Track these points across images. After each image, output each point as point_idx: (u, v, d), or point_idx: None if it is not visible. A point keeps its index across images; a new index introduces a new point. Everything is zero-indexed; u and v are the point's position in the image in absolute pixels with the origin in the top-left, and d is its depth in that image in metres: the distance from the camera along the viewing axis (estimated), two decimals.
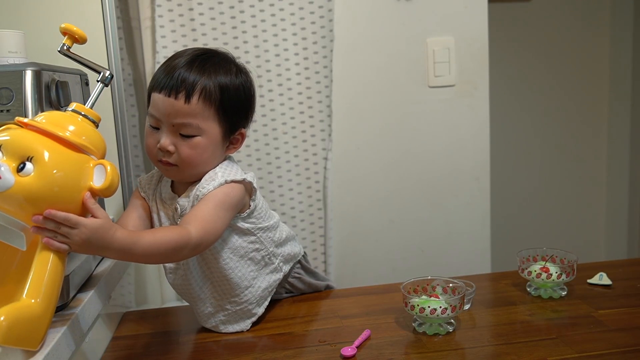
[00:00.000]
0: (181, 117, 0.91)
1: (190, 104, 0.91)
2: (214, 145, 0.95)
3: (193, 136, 0.93)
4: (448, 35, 1.56)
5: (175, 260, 0.95)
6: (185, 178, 0.98)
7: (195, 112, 0.92)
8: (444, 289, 1.02)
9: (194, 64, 0.93)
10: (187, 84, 0.91)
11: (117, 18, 1.39)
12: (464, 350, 0.92)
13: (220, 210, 0.92)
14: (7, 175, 0.67)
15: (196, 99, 0.91)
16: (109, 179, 0.74)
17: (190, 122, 0.92)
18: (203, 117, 0.92)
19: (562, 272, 1.10)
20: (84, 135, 0.75)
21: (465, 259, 1.64)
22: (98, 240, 0.73)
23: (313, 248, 1.54)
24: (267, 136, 1.48)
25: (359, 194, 1.59)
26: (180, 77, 0.91)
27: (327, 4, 1.46)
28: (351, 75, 1.53)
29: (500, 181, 2.21)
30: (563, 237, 2.45)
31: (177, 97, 0.91)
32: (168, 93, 0.91)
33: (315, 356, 0.93)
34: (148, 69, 1.42)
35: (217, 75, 0.94)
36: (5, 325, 0.64)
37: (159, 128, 0.94)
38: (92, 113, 0.80)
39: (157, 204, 1.03)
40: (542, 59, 2.34)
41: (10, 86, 0.83)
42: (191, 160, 0.94)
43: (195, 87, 0.91)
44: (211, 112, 0.93)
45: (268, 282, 1.07)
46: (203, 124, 0.93)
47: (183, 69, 0.92)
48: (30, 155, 0.69)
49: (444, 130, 1.60)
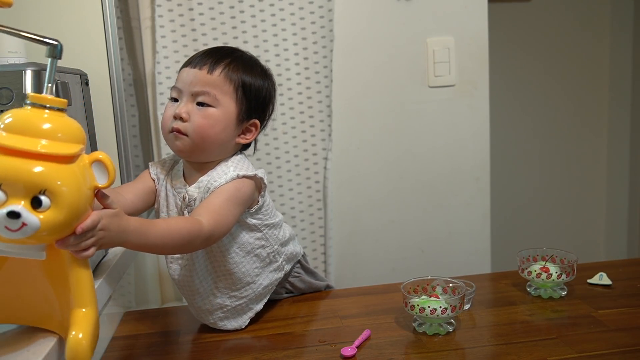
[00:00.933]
0: (201, 85, 0.96)
1: (213, 75, 0.96)
2: (226, 121, 0.97)
3: (209, 106, 0.96)
4: (448, 35, 1.56)
5: (188, 251, 0.94)
6: (192, 153, 0.98)
7: (215, 82, 0.96)
8: (444, 289, 1.02)
9: (223, 48, 1.02)
10: (213, 58, 0.98)
11: (117, 18, 1.39)
12: (464, 350, 0.92)
13: (232, 204, 0.93)
14: (31, 219, 0.62)
15: (219, 72, 0.97)
16: (111, 173, 0.71)
17: (208, 90, 0.95)
18: (222, 90, 0.96)
19: (562, 272, 1.10)
20: (61, 132, 0.67)
21: (465, 259, 1.64)
22: (116, 227, 0.73)
23: (313, 248, 1.54)
24: (267, 136, 1.48)
25: (359, 194, 1.59)
26: (208, 54, 0.99)
27: (327, 4, 1.46)
28: (351, 75, 1.53)
29: (500, 181, 2.21)
30: (563, 237, 2.45)
31: (202, 67, 0.97)
32: (194, 65, 0.97)
33: (315, 356, 0.93)
34: (148, 69, 1.42)
35: (242, 64, 1.00)
36: (86, 345, 0.66)
37: (177, 100, 0.98)
38: (56, 101, 0.70)
39: (166, 189, 1.03)
40: (542, 59, 2.34)
41: (10, 86, 0.83)
42: (202, 129, 0.95)
43: (220, 62, 0.97)
44: (231, 88, 0.97)
45: (269, 280, 1.07)
46: (220, 96, 0.96)
47: (213, 51, 1.00)
48: (42, 188, 0.63)
49: (444, 130, 1.60)
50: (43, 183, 0.63)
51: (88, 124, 1.09)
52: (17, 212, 0.61)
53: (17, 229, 0.62)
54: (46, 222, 0.63)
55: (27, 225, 0.62)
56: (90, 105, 1.12)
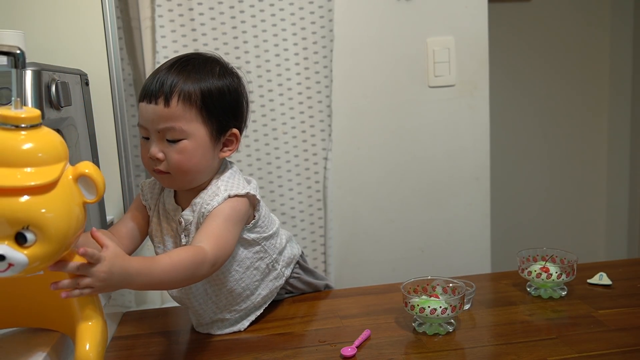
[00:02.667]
0: (163, 121, 0.90)
1: (170, 107, 0.89)
2: (203, 147, 0.93)
3: (179, 140, 0.90)
4: (448, 35, 1.56)
5: (195, 281, 0.89)
6: (181, 185, 0.96)
7: (176, 114, 0.90)
8: (444, 289, 1.02)
9: (173, 67, 0.92)
10: (164, 87, 0.90)
11: (117, 18, 1.39)
12: (464, 350, 0.92)
13: (230, 224, 0.91)
14: (17, 258, 0.59)
15: (175, 102, 0.90)
16: (99, 186, 0.66)
17: (172, 125, 0.90)
18: (186, 120, 0.90)
19: (562, 272, 1.10)
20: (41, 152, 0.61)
21: (465, 259, 1.64)
22: (118, 268, 0.69)
23: (313, 248, 1.54)
24: (267, 136, 1.48)
25: (359, 194, 1.59)
26: (159, 82, 0.90)
27: (327, 4, 1.46)
28: (351, 75, 1.53)
29: (500, 181, 2.21)
30: (563, 237, 2.45)
31: (157, 102, 0.90)
32: (149, 100, 0.90)
33: (315, 356, 0.93)
34: (148, 69, 1.42)
35: (197, 76, 0.92)
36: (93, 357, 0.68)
37: (149, 138, 0.93)
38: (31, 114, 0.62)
39: (159, 214, 1.01)
40: (542, 59, 2.34)
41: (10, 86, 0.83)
42: (181, 165, 0.91)
43: (173, 90, 0.90)
44: (193, 114, 0.91)
45: (269, 289, 1.08)
46: (187, 127, 0.90)
47: (162, 73, 0.92)
48: (24, 224, 0.58)
49: (444, 130, 1.60)
50: (25, 219, 0.58)
51: (88, 124, 1.09)
52: (0, 255, 0.58)
53: (4, 270, 0.59)
54: (34, 256, 0.59)
55: (14, 265, 0.59)
56: (90, 105, 1.12)
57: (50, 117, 0.87)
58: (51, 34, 1.19)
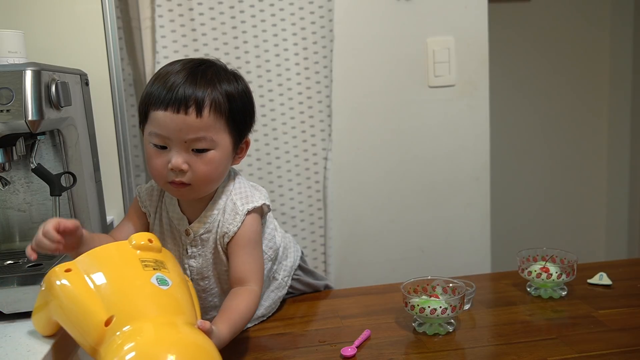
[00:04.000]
0: (194, 132, 0.87)
1: (203, 118, 0.87)
2: (226, 157, 0.92)
3: (206, 150, 0.89)
4: (448, 35, 1.56)
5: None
6: (197, 196, 0.94)
7: (208, 125, 0.87)
8: (444, 289, 1.02)
9: (197, 76, 0.89)
10: (196, 97, 0.86)
11: (117, 18, 1.39)
12: (464, 350, 0.92)
13: (257, 248, 0.97)
14: None
15: (207, 112, 0.87)
16: None
17: (204, 135, 0.87)
18: (216, 130, 0.89)
19: (562, 272, 1.10)
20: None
21: (465, 259, 1.64)
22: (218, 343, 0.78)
23: (313, 248, 1.54)
24: (267, 136, 1.48)
25: (359, 194, 1.59)
26: (186, 92, 0.86)
27: (327, 4, 1.46)
28: (351, 75, 1.53)
29: (500, 181, 2.21)
30: (563, 237, 2.45)
31: (188, 112, 0.86)
32: (176, 109, 0.86)
33: (315, 356, 0.93)
34: (148, 69, 1.42)
35: (221, 84, 0.90)
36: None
37: (166, 147, 0.89)
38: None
39: (161, 222, 1.01)
40: (542, 59, 2.34)
41: (10, 86, 0.83)
42: (207, 176, 0.90)
43: (205, 101, 0.87)
44: (222, 124, 0.90)
45: (272, 300, 1.09)
46: (216, 137, 0.89)
47: (187, 84, 0.87)
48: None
49: (444, 130, 1.60)
50: None
51: (88, 124, 1.09)
52: None
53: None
54: None
55: None
56: (90, 105, 1.12)
57: (50, 117, 0.87)
58: (51, 34, 1.19)
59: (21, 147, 0.92)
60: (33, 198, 1.03)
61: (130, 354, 0.63)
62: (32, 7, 1.18)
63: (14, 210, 1.03)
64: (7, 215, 1.03)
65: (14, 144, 0.91)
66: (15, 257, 0.96)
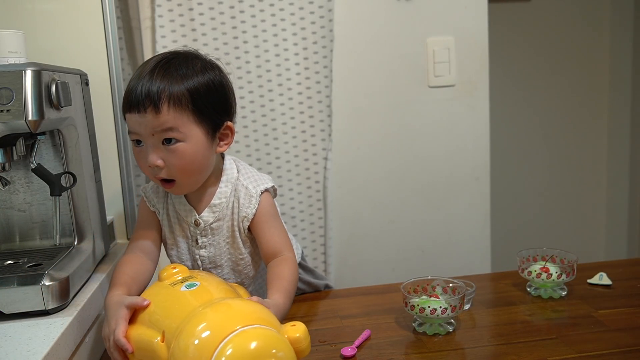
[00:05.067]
0: (158, 126, 0.87)
1: (161, 115, 0.86)
2: (202, 148, 0.91)
3: (177, 142, 0.88)
4: (448, 35, 1.56)
5: None
6: (189, 188, 0.95)
7: (169, 120, 0.87)
8: (444, 289, 1.02)
9: (155, 71, 0.88)
10: (151, 94, 0.86)
11: (117, 18, 1.39)
12: (464, 350, 0.92)
13: (278, 221, 1.01)
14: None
15: (166, 108, 0.87)
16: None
17: (170, 127, 0.87)
18: (181, 122, 0.88)
19: (562, 272, 1.10)
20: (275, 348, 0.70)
21: (465, 259, 1.64)
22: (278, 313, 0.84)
23: (313, 248, 1.54)
24: (267, 136, 1.48)
25: (359, 194, 1.59)
26: (144, 91, 0.86)
27: (327, 4, 1.46)
28: (351, 75, 1.53)
29: (500, 181, 2.22)
30: (563, 237, 2.45)
31: (147, 111, 0.86)
32: (137, 110, 0.87)
33: (315, 356, 0.93)
34: None
35: (181, 78, 0.89)
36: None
37: (140, 141, 0.90)
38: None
39: (169, 217, 1.01)
40: (542, 59, 2.34)
41: (10, 86, 0.83)
42: (184, 169, 0.90)
43: (161, 98, 0.86)
44: (187, 116, 0.88)
45: None
46: (183, 129, 0.88)
47: (145, 80, 0.87)
48: None
49: (444, 130, 1.60)
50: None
51: (88, 124, 1.09)
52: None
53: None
54: None
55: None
56: (90, 105, 1.12)
57: (50, 117, 0.87)
58: (51, 34, 1.19)
59: (21, 147, 0.92)
60: (33, 198, 1.03)
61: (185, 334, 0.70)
62: (32, 7, 1.18)
63: (14, 210, 1.03)
64: (7, 215, 1.03)
65: (14, 144, 0.91)
66: (15, 257, 0.96)
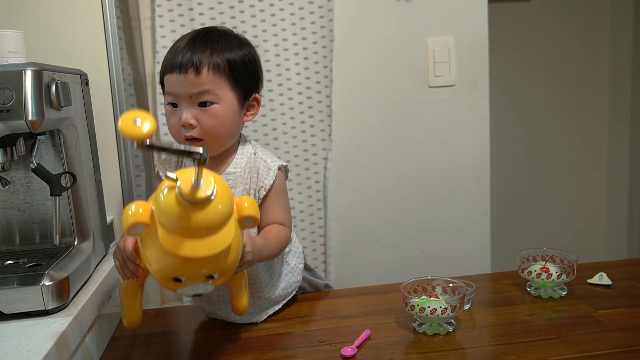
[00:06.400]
0: (197, 87, 0.95)
1: (201, 75, 0.95)
2: (233, 111, 0.99)
3: (212, 104, 0.96)
4: (448, 35, 1.56)
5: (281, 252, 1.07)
6: (214, 151, 1.01)
7: (207, 81, 0.95)
8: (444, 289, 1.02)
9: (196, 41, 0.98)
10: (194, 58, 0.95)
11: (117, 18, 1.39)
12: (464, 350, 0.92)
13: (286, 198, 1.07)
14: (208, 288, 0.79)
15: (205, 70, 0.96)
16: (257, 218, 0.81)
17: (207, 89, 0.95)
18: (217, 85, 0.96)
19: (562, 272, 1.10)
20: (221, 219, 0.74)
21: (465, 259, 1.64)
22: (256, 249, 0.91)
23: (313, 248, 1.54)
24: (267, 136, 1.48)
25: (358, 193, 1.59)
26: (187, 54, 0.96)
27: (327, 4, 1.46)
28: (351, 75, 1.53)
29: (500, 181, 2.21)
30: (563, 237, 2.45)
31: (188, 72, 0.95)
32: (179, 70, 0.95)
33: (315, 356, 0.93)
34: (148, 69, 1.42)
35: (221, 49, 0.98)
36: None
37: (177, 105, 0.98)
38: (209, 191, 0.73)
39: None
40: (542, 59, 2.34)
41: (10, 86, 0.83)
42: (214, 129, 0.97)
43: (202, 61, 0.96)
44: (223, 80, 0.97)
45: (287, 282, 1.10)
46: (219, 91, 0.96)
47: (186, 49, 0.97)
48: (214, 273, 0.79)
49: (444, 130, 1.60)
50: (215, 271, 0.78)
51: (88, 124, 1.09)
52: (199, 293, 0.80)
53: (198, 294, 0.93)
54: (217, 283, 0.80)
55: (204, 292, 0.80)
56: (90, 105, 1.12)
57: (51, 117, 0.87)
58: (51, 34, 1.19)
59: (21, 147, 0.92)
60: (33, 198, 1.03)
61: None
62: (32, 7, 1.18)
63: (14, 210, 1.03)
64: (7, 215, 1.03)
65: (14, 144, 0.91)
66: (15, 257, 0.96)
